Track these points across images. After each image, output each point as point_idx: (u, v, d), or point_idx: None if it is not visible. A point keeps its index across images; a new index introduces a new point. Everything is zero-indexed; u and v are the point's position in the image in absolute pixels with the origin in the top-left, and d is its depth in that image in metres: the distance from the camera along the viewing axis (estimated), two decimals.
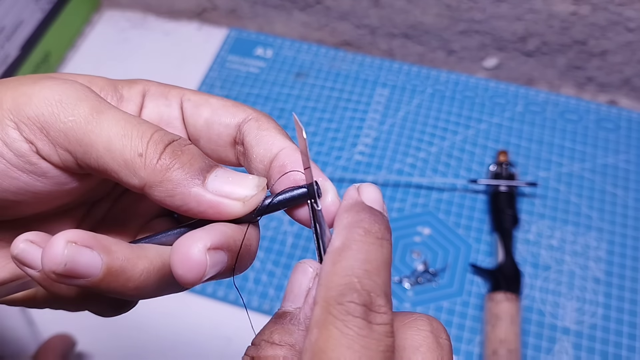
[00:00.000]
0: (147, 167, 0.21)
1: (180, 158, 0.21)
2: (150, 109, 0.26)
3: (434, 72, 0.74)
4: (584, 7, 0.64)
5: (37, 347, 0.55)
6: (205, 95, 0.26)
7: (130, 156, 0.21)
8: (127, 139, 0.21)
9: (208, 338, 0.57)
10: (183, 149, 0.22)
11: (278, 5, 0.75)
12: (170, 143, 0.22)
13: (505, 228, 0.59)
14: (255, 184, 0.22)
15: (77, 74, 0.25)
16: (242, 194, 0.22)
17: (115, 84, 0.26)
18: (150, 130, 0.22)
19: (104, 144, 0.21)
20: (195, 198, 0.21)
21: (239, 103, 0.26)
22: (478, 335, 0.56)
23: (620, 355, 0.54)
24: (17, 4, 0.68)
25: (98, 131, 0.21)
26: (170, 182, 0.21)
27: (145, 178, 0.21)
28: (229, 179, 0.22)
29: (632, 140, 0.67)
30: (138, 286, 0.21)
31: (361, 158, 0.67)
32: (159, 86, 0.27)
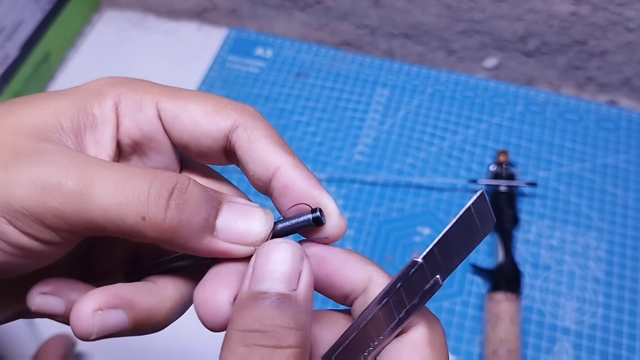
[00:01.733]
0: (154, 229, 0.20)
1: (186, 212, 0.21)
2: (128, 125, 0.24)
3: (434, 72, 0.74)
4: (584, 7, 0.64)
5: (37, 347, 0.55)
6: (183, 100, 0.24)
7: (133, 222, 0.20)
8: (125, 207, 0.20)
9: (208, 338, 0.57)
10: (186, 199, 0.21)
11: (278, 5, 0.75)
12: (171, 193, 0.21)
13: (505, 228, 0.59)
14: (263, 224, 0.22)
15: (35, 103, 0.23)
16: (252, 238, 0.22)
17: (83, 106, 0.24)
18: (146, 185, 0.20)
19: (103, 217, 0.20)
20: (207, 248, 0.21)
21: (221, 104, 0.24)
22: (478, 335, 0.56)
23: (620, 355, 0.54)
24: (17, 4, 0.68)
25: (93, 206, 0.20)
26: (181, 238, 0.21)
27: (154, 238, 0.21)
28: (238, 223, 0.22)
29: (632, 140, 0.67)
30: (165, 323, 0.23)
31: (361, 158, 0.67)
32: (130, 93, 0.25)
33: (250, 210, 0.22)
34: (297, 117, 0.70)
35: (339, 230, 0.23)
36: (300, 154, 0.67)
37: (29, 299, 0.22)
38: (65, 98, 0.23)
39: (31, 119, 0.22)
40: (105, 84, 0.25)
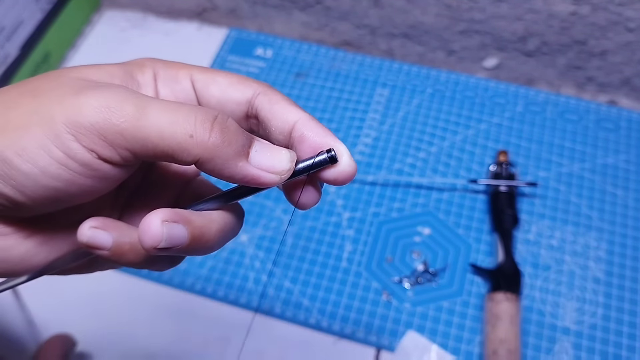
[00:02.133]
0: (200, 146, 0.23)
1: (227, 136, 0.24)
2: (166, 93, 0.28)
3: (434, 72, 0.74)
4: (584, 7, 0.64)
5: (37, 347, 0.55)
6: (211, 73, 0.29)
7: (182, 139, 0.23)
8: (176, 125, 0.23)
9: (208, 338, 0.57)
10: (227, 126, 0.24)
11: (278, 5, 0.75)
12: (214, 120, 0.24)
13: (505, 228, 0.59)
14: (289, 158, 0.26)
15: (91, 67, 0.27)
16: (279, 168, 0.25)
17: (130, 72, 0.28)
18: (193, 111, 0.24)
19: (157, 134, 0.23)
20: (241, 171, 0.24)
21: (244, 78, 0.28)
22: (478, 335, 0.56)
23: (620, 355, 0.54)
24: (17, 4, 0.68)
25: (149, 124, 0.23)
26: (220, 158, 0.24)
27: (198, 155, 0.24)
28: (268, 154, 0.25)
29: (632, 140, 0.67)
30: (212, 245, 0.26)
31: (361, 158, 0.67)
32: (166, 66, 0.29)
33: (278, 147, 0.26)
34: None
35: (350, 169, 0.27)
36: None
37: (80, 232, 0.25)
38: (115, 65, 0.27)
39: (90, 74, 0.26)
40: (145, 59, 0.29)
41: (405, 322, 0.57)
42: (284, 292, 0.59)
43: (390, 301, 0.58)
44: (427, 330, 0.56)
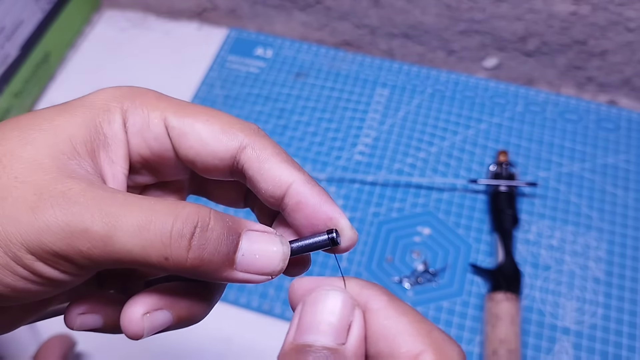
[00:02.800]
0: (178, 267, 0.21)
1: (207, 250, 0.21)
2: (137, 144, 0.25)
3: (434, 72, 0.74)
4: (584, 7, 0.64)
5: (37, 347, 0.55)
6: (189, 118, 0.24)
7: (157, 262, 0.21)
8: (149, 249, 0.21)
9: (208, 338, 0.57)
10: (207, 237, 0.21)
11: (278, 5, 0.75)
12: (192, 235, 0.21)
13: (505, 228, 0.59)
14: (280, 257, 0.22)
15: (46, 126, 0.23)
16: (270, 269, 0.22)
17: (94, 125, 0.24)
18: (168, 226, 0.21)
19: (128, 258, 0.21)
20: (227, 279, 0.22)
21: (228, 124, 0.24)
22: (478, 335, 0.56)
23: (620, 355, 0.54)
24: (17, 4, 0.68)
25: (119, 249, 0.21)
26: (202, 274, 0.22)
27: (178, 273, 0.22)
28: (256, 256, 0.22)
29: (632, 140, 0.67)
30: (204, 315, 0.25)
31: (361, 158, 0.67)
32: (136, 109, 0.24)
33: (268, 239, 0.23)
34: (297, 117, 0.70)
35: (351, 243, 0.24)
36: (300, 153, 0.67)
37: (68, 321, 0.23)
38: (74, 119, 0.23)
39: (46, 149, 0.22)
40: (110, 98, 0.24)
41: None
42: (284, 292, 0.59)
43: None
44: None
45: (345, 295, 0.21)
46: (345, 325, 0.20)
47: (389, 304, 0.21)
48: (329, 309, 0.21)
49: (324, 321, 0.20)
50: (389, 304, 0.21)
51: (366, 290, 0.22)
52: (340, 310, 0.21)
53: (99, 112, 0.24)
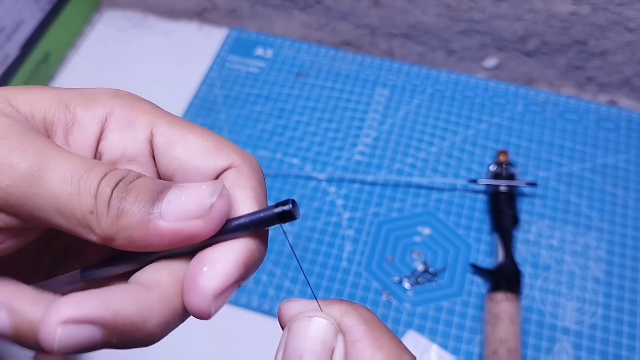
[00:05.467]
0: (100, 223, 0.19)
1: (127, 199, 0.19)
2: (113, 140, 0.23)
3: (434, 72, 0.74)
4: (584, 7, 0.64)
5: None
6: (181, 128, 0.23)
7: (81, 215, 0.19)
8: (75, 197, 0.19)
9: (208, 338, 0.57)
10: (128, 188, 0.19)
11: (278, 5, 0.75)
12: (115, 186, 0.19)
13: (505, 228, 0.59)
14: (209, 192, 0.19)
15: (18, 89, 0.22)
16: (200, 209, 0.19)
17: (67, 103, 0.22)
18: (98, 178, 0.19)
19: (51, 205, 0.19)
20: (154, 233, 0.19)
21: (222, 143, 0.23)
22: (478, 335, 0.56)
23: (620, 355, 0.54)
24: (17, 4, 0.67)
25: (43, 193, 0.18)
26: (126, 230, 0.19)
27: (101, 234, 0.19)
28: (182, 198, 0.19)
29: (632, 140, 0.67)
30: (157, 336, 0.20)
31: (361, 158, 0.67)
32: (125, 109, 0.23)
33: (197, 184, 0.20)
34: (297, 117, 0.70)
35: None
36: (300, 153, 0.67)
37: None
38: (51, 92, 0.22)
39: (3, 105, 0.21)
40: (102, 93, 0.23)
41: (405, 322, 0.57)
42: (284, 292, 0.59)
43: (390, 301, 0.58)
44: (427, 330, 0.56)
45: (327, 322, 0.21)
46: (328, 352, 0.20)
47: (366, 336, 0.21)
48: (312, 335, 0.21)
49: (307, 348, 0.20)
50: (366, 336, 0.21)
51: (347, 318, 0.22)
52: (323, 337, 0.21)
53: (81, 97, 0.23)
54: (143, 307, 0.19)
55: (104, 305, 0.19)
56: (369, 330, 0.21)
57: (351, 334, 0.21)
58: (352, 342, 0.21)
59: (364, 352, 0.21)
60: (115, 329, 0.19)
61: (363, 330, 0.21)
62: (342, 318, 0.21)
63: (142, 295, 0.20)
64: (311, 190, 0.65)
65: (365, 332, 0.21)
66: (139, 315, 0.19)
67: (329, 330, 0.21)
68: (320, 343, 0.20)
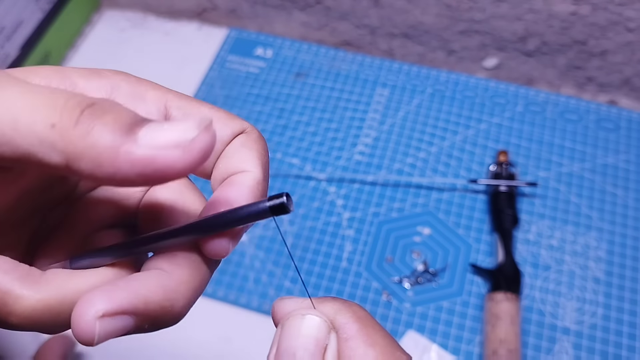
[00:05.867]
0: (64, 137, 0.17)
1: (102, 117, 0.17)
2: None
3: (434, 72, 0.74)
4: (584, 7, 0.64)
5: (37, 347, 0.55)
6: (194, 102, 0.23)
7: (42, 129, 0.17)
8: (36, 112, 0.17)
9: (208, 338, 0.57)
10: (105, 107, 0.17)
11: (278, 5, 0.75)
12: (90, 105, 0.17)
13: (505, 228, 0.59)
14: (194, 124, 0.17)
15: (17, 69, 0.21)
16: (178, 139, 0.17)
17: (67, 73, 0.21)
18: (64, 96, 0.17)
19: (9, 123, 0.17)
20: (125, 159, 0.17)
21: (232, 114, 0.23)
22: (478, 335, 0.56)
23: (620, 355, 0.54)
24: (17, 4, 0.68)
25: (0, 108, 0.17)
26: (95, 148, 0.17)
27: (64, 151, 0.17)
28: (164, 126, 0.17)
29: (632, 140, 0.67)
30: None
31: (361, 158, 0.67)
32: (132, 83, 0.23)
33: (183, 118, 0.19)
34: (297, 117, 0.70)
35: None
36: (300, 153, 0.67)
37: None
38: (51, 67, 0.22)
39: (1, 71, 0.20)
40: (107, 70, 0.23)
41: (405, 322, 0.57)
42: (284, 292, 0.59)
43: (390, 301, 0.58)
44: (427, 330, 0.56)
45: (320, 319, 0.21)
46: (321, 349, 0.20)
47: (359, 334, 0.21)
48: (304, 333, 0.21)
49: (300, 346, 0.20)
50: (359, 334, 0.21)
51: (340, 315, 0.21)
52: (315, 335, 0.21)
53: (84, 70, 0.22)
54: (169, 292, 0.20)
55: (134, 295, 0.19)
56: (361, 328, 0.21)
57: (344, 331, 0.21)
58: (345, 339, 0.21)
59: (357, 349, 0.21)
60: (146, 315, 0.19)
61: (356, 328, 0.21)
62: (335, 316, 0.21)
63: (165, 280, 0.20)
64: (311, 190, 0.65)
65: (358, 329, 0.21)
66: (166, 300, 0.20)
67: (321, 328, 0.21)
68: (313, 341, 0.20)
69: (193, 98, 0.23)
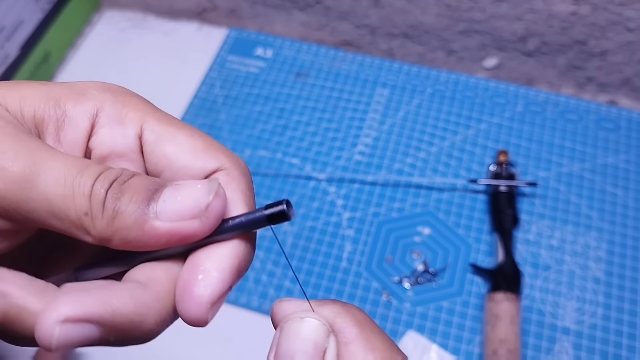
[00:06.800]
0: (95, 224, 0.19)
1: (122, 200, 0.19)
2: (103, 136, 0.23)
3: (434, 72, 0.74)
4: (584, 7, 0.64)
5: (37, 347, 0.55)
6: (172, 127, 0.23)
7: (76, 217, 0.19)
8: (69, 200, 0.18)
9: (208, 338, 0.57)
10: (123, 188, 0.19)
11: (278, 5, 0.75)
12: (110, 187, 0.19)
13: (505, 228, 0.59)
14: (205, 191, 0.19)
15: (5, 86, 0.22)
16: (196, 209, 0.19)
17: (56, 98, 0.22)
18: (92, 179, 0.19)
19: (45, 208, 0.19)
20: (150, 234, 0.19)
21: (211, 143, 0.23)
22: (478, 335, 0.56)
23: (620, 355, 0.54)
24: (17, 4, 0.67)
25: (36, 196, 0.18)
26: (122, 230, 0.19)
27: (97, 235, 0.19)
28: (178, 198, 0.19)
29: (632, 140, 0.67)
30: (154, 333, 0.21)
31: (361, 158, 0.67)
32: (116, 104, 0.23)
33: (192, 183, 0.20)
34: (297, 117, 0.70)
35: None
36: (300, 154, 0.67)
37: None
38: (39, 87, 0.22)
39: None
40: (93, 87, 0.23)
41: (405, 322, 0.57)
42: (284, 292, 0.59)
43: (390, 301, 0.58)
44: (427, 330, 0.56)
45: (319, 322, 0.21)
46: (320, 352, 0.20)
47: (358, 338, 0.21)
48: (303, 336, 0.21)
49: (299, 349, 0.20)
50: (358, 338, 0.21)
51: (339, 319, 0.21)
52: (314, 338, 0.20)
53: (71, 92, 0.22)
54: (140, 306, 0.19)
55: (102, 304, 0.18)
56: (361, 332, 0.21)
57: (343, 335, 0.21)
58: (344, 343, 0.21)
59: (357, 353, 0.20)
60: (113, 327, 0.19)
61: (355, 332, 0.21)
62: (334, 319, 0.21)
63: (139, 293, 0.20)
64: (311, 190, 0.65)
65: (357, 333, 0.21)
66: (136, 314, 0.19)
67: (320, 332, 0.21)
68: (312, 344, 0.20)
69: (175, 122, 0.23)
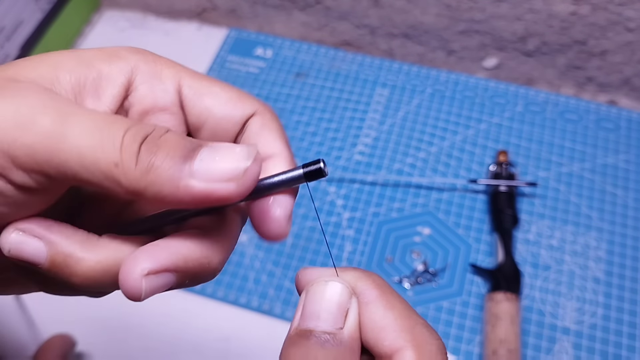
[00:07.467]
0: (128, 176, 0.19)
1: (158, 155, 0.19)
2: (143, 92, 0.24)
3: (434, 72, 0.74)
4: (584, 7, 0.64)
5: (37, 347, 0.55)
6: (207, 81, 0.25)
7: (107, 168, 0.19)
8: (99, 150, 0.19)
9: (208, 338, 0.57)
10: (158, 143, 0.19)
11: (278, 5, 0.75)
12: (143, 140, 0.19)
13: (505, 228, 0.59)
14: (244, 155, 0.20)
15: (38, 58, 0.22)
16: (234, 172, 0.19)
17: (90, 60, 0.23)
18: (122, 131, 0.19)
19: (75, 160, 0.19)
20: (185, 192, 0.19)
21: (243, 93, 0.25)
22: (478, 335, 0.56)
23: (620, 355, 0.54)
24: (17, 4, 0.67)
25: (67, 148, 0.19)
26: (155, 184, 0.19)
27: (129, 187, 0.19)
28: (216, 159, 0.19)
29: (632, 140, 0.67)
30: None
31: (361, 158, 0.67)
32: (149, 63, 0.24)
33: (230, 146, 0.20)
34: (297, 117, 0.70)
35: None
36: (300, 154, 0.67)
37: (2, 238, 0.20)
38: (71, 54, 0.23)
39: (28, 70, 0.21)
40: (123, 49, 0.25)
41: None
42: (284, 292, 0.59)
43: None
44: None
45: (342, 285, 0.22)
46: (343, 312, 0.22)
47: (378, 298, 0.22)
48: (327, 297, 0.22)
49: (324, 309, 0.22)
50: (378, 298, 0.22)
51: (360, 282, 0.23)
52: (338, 299, 0.22)
53: (103, 54, 0.24)
54: (206, 249, 0.22)
55: (175, 254, 0.20)
56: (381, 294, 0.23)
57: (364, 296, 0.23)
58: (365, 303, 0.22)
59: (377, 312, 0.22)
60: (186, 272, 0.21)
61: (375, 294, 0.23)
62: (356, 283, 0.23)
63: (202, 239, 0.22)
64: (311, 190, 0.65)
65: (377, 295, 0.22)
66: (204, 257, 0.21)
67: (343, 293, 0.22)
68: (335, 305, 0.22)
69: (205, 76, 0.25)
